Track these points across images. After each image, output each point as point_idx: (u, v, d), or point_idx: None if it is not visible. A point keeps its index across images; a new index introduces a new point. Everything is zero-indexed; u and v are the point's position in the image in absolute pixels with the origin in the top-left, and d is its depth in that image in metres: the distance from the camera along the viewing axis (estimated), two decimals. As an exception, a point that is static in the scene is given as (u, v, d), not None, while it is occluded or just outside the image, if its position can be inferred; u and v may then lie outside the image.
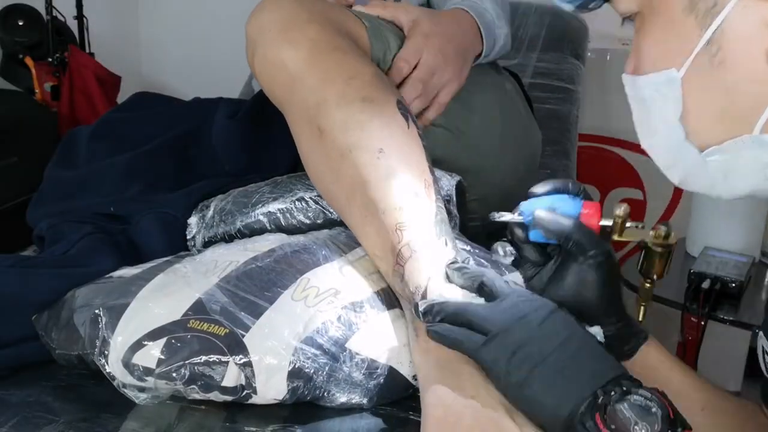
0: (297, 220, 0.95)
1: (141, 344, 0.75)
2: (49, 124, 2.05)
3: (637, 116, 0.65)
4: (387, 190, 0.80)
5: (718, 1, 0.55)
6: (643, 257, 0.74)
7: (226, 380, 0.74)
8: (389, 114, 0.86)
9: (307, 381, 0.74)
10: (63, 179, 1.17)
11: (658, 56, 0.60)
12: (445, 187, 0.97)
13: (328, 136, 0.85)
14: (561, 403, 0.60)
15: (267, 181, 1.01)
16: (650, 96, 0.61)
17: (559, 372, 0.61)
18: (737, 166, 0.59)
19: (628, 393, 0.58)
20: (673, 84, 0.59)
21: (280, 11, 0.93)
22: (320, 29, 0.91)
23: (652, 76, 0.60)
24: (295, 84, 0.89)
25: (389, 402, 0.77)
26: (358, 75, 0.88)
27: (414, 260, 0.76)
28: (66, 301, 0.84)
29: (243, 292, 0.78)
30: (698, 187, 0.64)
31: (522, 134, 1.26)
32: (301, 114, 0.89)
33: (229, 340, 0.74)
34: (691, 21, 0.56)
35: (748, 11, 0.54)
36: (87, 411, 0.76)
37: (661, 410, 0.58)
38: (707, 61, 0.56)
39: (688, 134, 0.60)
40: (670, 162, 0.64)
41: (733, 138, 0.58)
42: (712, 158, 0.59)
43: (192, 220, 1.00)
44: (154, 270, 0.85)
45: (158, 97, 1.40)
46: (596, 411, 0.58)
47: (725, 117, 0.58)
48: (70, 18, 2.37)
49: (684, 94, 0.58)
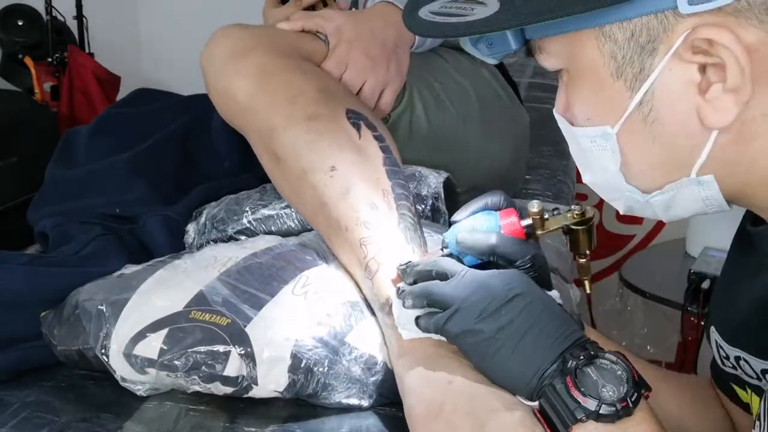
0: (287, 226, 0.96)
1: (143, 335, 0.76)
2: (48, 124, 2.05)
3: (575, 155, 0.67)
4: (345, 208, 0.81)
5: (644, 66, 0.56)
6: (569, 238, 0.76)
7: (227, 370, 0.74)
8: (338, 128, 0.86)
9: (307, 373, 0.75)
10: (64, 179, 1.17)
11: (591, 113, 0.61)
12: (432, 185, 0.99)
13: (283, 162, 0.87)
14: (528, 365, 0.62)
15: (257, 188, 1.03)
16: (587, 146, 0.63)
17: (525, 334, 0.63)
18: (678, 201, 0.62)
19: (595, 357, 0.61)
20: (609, 139, 0.60)
21: (228, 40, 0.94)
22: (266, 53, 0.92)
23: (588, 130, 0.62)
24: (247, 113, 0.91)
25: (389, 402, 0.77)
26: (303, 93, 0.89)
27: (381, 273, 0.77)
28: (69, 298, 0.85)
29: (244, 285, 0.79)
30: (642, 215, 0.67)
31: (505, 118, 1.26)
32: (258, 141, 0.91)
33: (231, 330, 0.75)
34: (620, 85, 0.58)
35: (674, 73, 0.56)
36: (87, 411, 0.76)
37: (626, 373, 0.60)
38: (641, 120, 0.58)
39: (628, 179, 0.62)
40: (613, 197, 0.66)
41: (672, 182, 0.60)
42: (655, 199, 0.62)
43: (190, 226, 1.02)
44: (155, 265, 0.87)
45: (158, 92, 1.40)
46: (567, 374, 0.59)
47: (664, 165, 0.60)
48: (70, 18, 2.37)
49: (621, 147, 0.60)
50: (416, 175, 1.00)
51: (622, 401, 0.58)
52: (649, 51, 0.56)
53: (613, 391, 0.59)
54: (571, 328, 0.63)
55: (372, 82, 1.04)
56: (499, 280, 0.66)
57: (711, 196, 0.60)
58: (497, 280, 0.66)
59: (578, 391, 0.59)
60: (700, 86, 0.55)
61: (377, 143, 0.87)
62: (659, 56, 0.56)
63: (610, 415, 0.58)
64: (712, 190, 0.59)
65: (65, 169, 1.20)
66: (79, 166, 1.19)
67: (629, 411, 0.58)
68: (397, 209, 0.82)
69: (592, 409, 0.58)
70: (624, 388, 0.59)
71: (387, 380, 0.76)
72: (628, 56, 0.57)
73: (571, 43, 0.59)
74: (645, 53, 0.56)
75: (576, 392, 0.59)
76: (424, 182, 0.99)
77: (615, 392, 0.59)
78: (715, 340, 0.71)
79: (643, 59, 0.56)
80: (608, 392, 0.59)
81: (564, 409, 0.59)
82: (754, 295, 0.64)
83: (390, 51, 1.07)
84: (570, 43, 0.59)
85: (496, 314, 0.64)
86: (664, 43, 0.55)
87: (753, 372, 0.66)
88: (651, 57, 0.56)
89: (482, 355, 0.65)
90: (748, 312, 0.65)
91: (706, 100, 0.55)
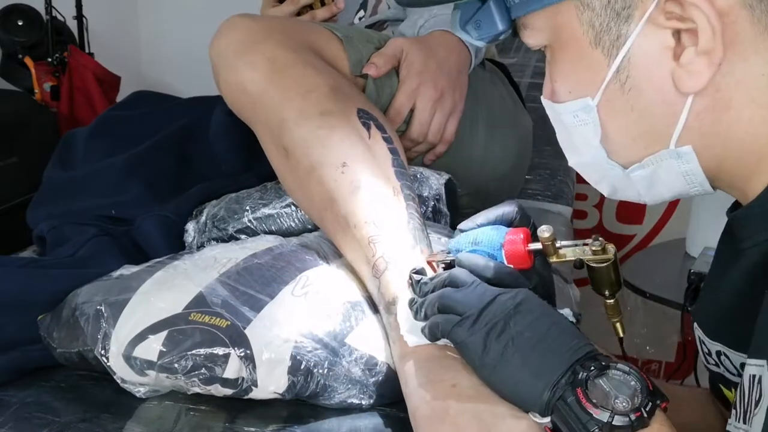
0: (287, 225, 0.96)
1: (142, 337, 0.76)
2: (48, 124, 2.06)
3: (561, 137, 0.69)
4: (354, 205, 0.81)
5: (621, 33, 0.59)
6: (589, 275, 0.72)
7: (227, 372, 0.74)
8: (349, 125, 0.86)
9: (307, 375, 0.74)
10: (62, 180, 1.17)
11: (572, 86, 0.64)
12: (434, 187, 0.99)
13: (292, 156, 0.87)
14: (538, 377, 0.60)
15: (257, 187, 1.03)
16: (570, 122, 0.65)
17: (534, 347, 0.61)
18: (659, 177, 0.63)
19: (606, 368, 0.59)
20: (590, 111, 0.62)
21: (237, 33, 0.94)
22: (277, 46, 0.92)
23: (569, 105, 0.64)
24: (257, 105, 0.90)
25: (389, 402, 0.77)
26: (316, 88, 0.89)
27: (389, 272, 0.77)
28: (67, 300, 0.85)
29: (243, 286, 0.79)
30: (626, 197, 0.68)
31: (509, 123, 1.27)
32: (267, 134, 0.91)
33: (231, 332, 0.75)
34: (598, 53, 0.60)
35: (650, 39, 0.58)
36: (86, 412, 0.76)
37: (640, 383, 0.58)
38: (618, 88, 0.61)
39: (610, 153, 0.64)
40: (597, 178, 0.68)
41: (652, 154, 0.62)
42: (636, 173, 0.64)
43: (189, 225, 1.02)
44: (154, 266, 0.86)
45: (157, 95, 1.40)
46: (577, 386, 0.58)
47: (642, 136, 0.62)
48: (70, 18, 2.37)
49: (601, 119, 0.62)
50: (418, 176, 1.00)
51: (636, 411, 0.56)
52: (625, 17, 0.58)
53: (626, 401, 0.57)
54: (582, 342, 0.62)
55: (440, 114, 1.08)
56: (509, 295, 0.65)
57: (691, 170, 0.61)
58: (508, 295, 0.65)
59: (590, 402, 0.57)
60: (675, 51, 0.58)
61: (386, 144, 0.87)
62: (634, 22, 0.58)
63: (624, 426, 0.56)
64: (691, 163, 0.61)
65: (63, 170, 1.20)
66: (77, 168, 1.19)
67: (644, 422, 0.56)
68: (406, 208, 0.82)
69: (605, 420, 0.56)
70: (638, 399, 0.57)
71: (388, 380, 0.76)
72: (605, 23, 0.59)
73: (554, 15, 0.62)
74: (621, 20, 0.59)
75: (588, 404, 0.57)
76: (426, 183, 0.99)
77: (628, 403, 0.57)
78: (698, 336, 0.71)
79: (620, 26, 0.59)
80: (621, 403, 0.57)
81: (576, 423, 0.57)
82: (732, 284, 0.64)
83: (455, 80, 1.10)
84: (552, 15, 0.62)
85: (505, 326, 0.62)
86: (638, 9, 0.58)
87: (733, 367, 0.65)
88: (627, 23, 0.58)
89: (491, 368, 0.63)
90: (727, 303, 0.65)
91: (680, 65, 0.57)
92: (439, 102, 1.08)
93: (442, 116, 1.09)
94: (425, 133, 1.08)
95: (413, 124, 1.07)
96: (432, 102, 1.07)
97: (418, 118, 1.07)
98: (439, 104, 1.08)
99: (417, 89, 1.06)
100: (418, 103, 1.06)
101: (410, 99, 1.06)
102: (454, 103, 1.10)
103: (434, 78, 1.07)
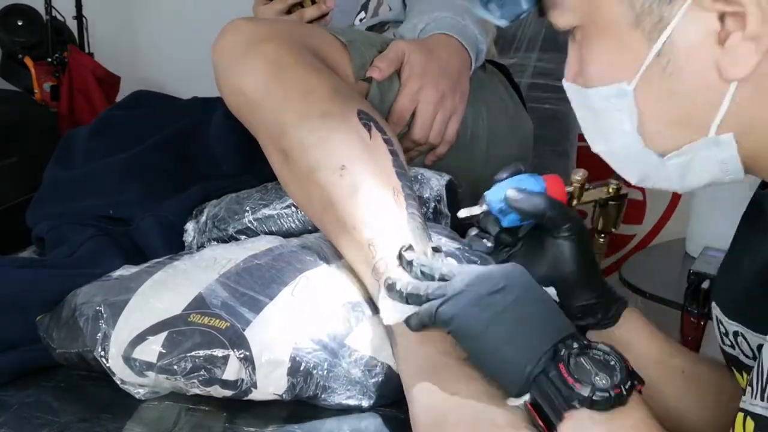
0: (287, 226, 0.96)
1: (142, 338, 0.76)
2: (48, 124, 2.05)
3: (585, 123, 0.66)
4: (353, 208, 0.81)
5: (663, 15, 0.56)
6: (599, 214, 0.77)
7: (226, 374, 0.74)
8: (349, 127, 0.86)
9: (306, 376, 0.74)
10: (62, 180, 1.17)
11: (605, 69, 0.60)
12: (435, 188, 0.99)
13: (291, 159, 0.86)
14: (521, 354, 0.61)
15: (257, 188, 1.03)
16: (602, 108, 0.62)
17: (518, 324, 0.62)
18: (694, 166, 0.61)
19: (587, 347, 0.61)
20: (626, 96, 0.59)
21: (238, 35, 0.94)
22: (277, 47, 0.92)
23: (603, 90, 0.61)
24: (256, 109, 0.90)
25: (389, 403, 0.77)
26: (315, 90, 0.89)
27: (388, 274, 0.76)
28: (67, 301, 0.85)
29: (243, 287, 0.79)
30: (656, 185, 0.66)
31: (510, 125, 1.27)
32: (266, 137, 0.91)
33: (230, 334, 0.75)
34: (638, 35, 0.57)
35: (693, 22, 0.55)
36: (86, 412, 0.76)
37: (620, 363, 0.60)
38: (659, 73, 0.57)
39: (646, 141, 0.61)
40: (628, 165, 0.65)
41: (691, 142, 0.59)
42: (672, 161, 0.61)
43: (189, 225, 1.02)
44: (154, 267, 0.86)
45: (157, 95, 1.40)
46: (559, 362, 0.59)
47: (681, 123, 0.59)
48: (70, 18, 2.37)
49: (638, 104, 0.59)
50: (419, 177, 1.00)
51: (616, 388, 0.58)
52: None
53: (606, 379, 0.58)
54: (564, 323, 0.63)
55: (442, 115, 1.09)
56: (496, 271, 0.66)
57: (728, 159, 0.59)
58: (494, 271, 0.66)
59: (572, 377, 0.58)
60: (720, 36, 0.54)
61: (386, 146, 0.87)
62: (678, 4, 0.55)
63: (603, 401, 0.58)
64: (730, 151, 0.58)
65: (63, 170, 1.20)
66: (77, 168, 1.19)
67: (622, 399, 0.58)
68: (407, 208, 0.82)
69: (586, 395, 0.58)
70: (618, 377, 0.59)
71: (388, 381, 0.76)
72: (647, 5, 0.56)
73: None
74: (664, 2, 0.55)
75: (570, 378, 0.58)
76: (427, 184, 0.99)
77: (608, 381, 0.58)
78: (716, 316, 0.70)
79: (662, 8, 0.55)
80: (601, 380, 0.58)
81: (557, 397, 0.59)
82: (760, 262, 0.63)
83: (456, 82, 1.11)
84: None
85: (491, 301, 0.63)
86: None
87: (749, 349, 0.65)
88: (670, 6, 0.55)
89: (475, 340, 0.63)
90: (752, 281, 0.64)
91: (725, 50, 0.54)
92: (441, 103, 1.09)
93: (444, 117, 1.10)
94: (427, 134, 1.09)
95: (415, 126, 1.08)
96: (433, 104, 1.08)
97: (420, 120, 1.08)
98: (441, 106, 1.09)
99: (419, 91, 1.07)
100: (420, 104, 1.08)
101: (412, 101, 1.07)
102: (455, 105, 1.11)
103: (435, 80, 1.08)
